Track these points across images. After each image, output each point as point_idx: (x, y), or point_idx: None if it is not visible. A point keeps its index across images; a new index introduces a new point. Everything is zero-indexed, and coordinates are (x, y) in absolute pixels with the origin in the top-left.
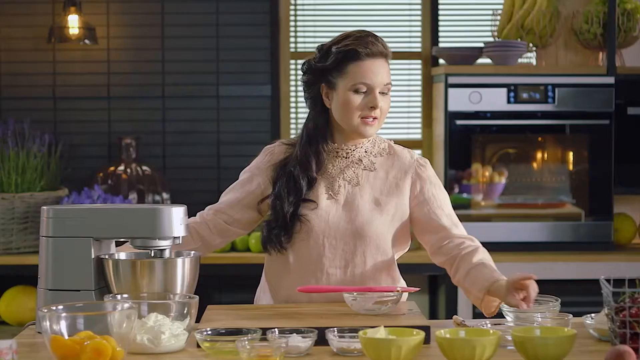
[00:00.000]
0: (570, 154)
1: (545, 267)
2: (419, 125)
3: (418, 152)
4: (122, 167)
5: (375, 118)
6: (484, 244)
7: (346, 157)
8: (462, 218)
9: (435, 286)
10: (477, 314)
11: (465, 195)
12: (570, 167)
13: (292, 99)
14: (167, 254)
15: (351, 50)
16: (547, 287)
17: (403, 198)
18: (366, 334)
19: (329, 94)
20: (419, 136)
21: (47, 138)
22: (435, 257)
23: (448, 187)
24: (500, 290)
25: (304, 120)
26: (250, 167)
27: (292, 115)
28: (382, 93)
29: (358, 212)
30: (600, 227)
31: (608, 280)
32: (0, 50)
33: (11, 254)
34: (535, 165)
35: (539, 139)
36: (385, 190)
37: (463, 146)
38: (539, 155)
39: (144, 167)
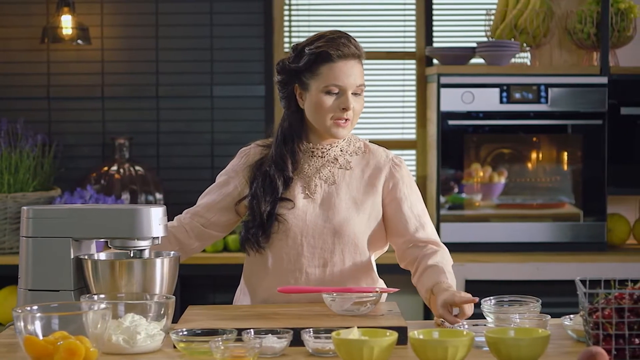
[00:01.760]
0: (563, 155)
1: (538, 267)
2: (414, 125)
3: (396, 152)
4: (115, 167)
5: (347, 120)
6: (480, 244)
7: (322, 157)
8: (458, 218)
9: None
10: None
11: (464, 195)
12: (564, 167)
13: None
14: (146, 254)
15: (323, 52)
16: (539, 287)
17: (377, 197)
18: (339, 335)
19: (302, 94)
20: (413, 136)
21: (39, 138)
22: (400, 261)
23: (441, 188)
24: (440, 297)
25: None
26: (227, 170)
27: None
28: (355, 94)
29: (335, 210)
30: (593, 228)
31: (584, 281)
32: None
33: (3, 254)
34: (528, 165)
35: (533, 139)
36: (362, 189)
37: (456, 146)
38: (531, 155)
39: (137, 167)
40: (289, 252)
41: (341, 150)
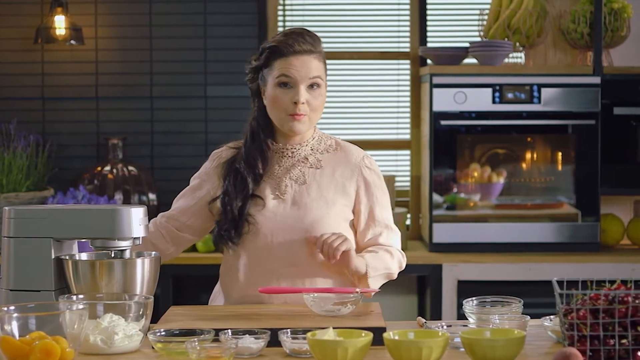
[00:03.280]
0: (557, 155)
1: (530, 267)
2: (408, 125)
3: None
4: (108, 168)
5: (302, 114)
6: (473, 245)
7: (291, 156)
8: (450, 219)
9: (423, 287)
10: (461, 316)
11: (463, 195)
12: (557, 167)
13: None
14: (127, 254)
15: (275, 47)
16: (530, 288)
17: (348, 199)
18: (314, 335)
19: (264, 90)
20: (407, 136)
21: (32, 138)
22: None
23: (433, 188)
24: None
25: None
26: (200, 173)
27: None
28: (310, 88)
29: (306, 210)
30: (587, 228)
31: (561, 282)
32: None
33: None
34: (522, 165)
35: (527, 139)
36: (332, 188)
37: (448, 146)
38: (525, 155)
39: (130, 168)
40: (260, 253)
41: (312, 149)
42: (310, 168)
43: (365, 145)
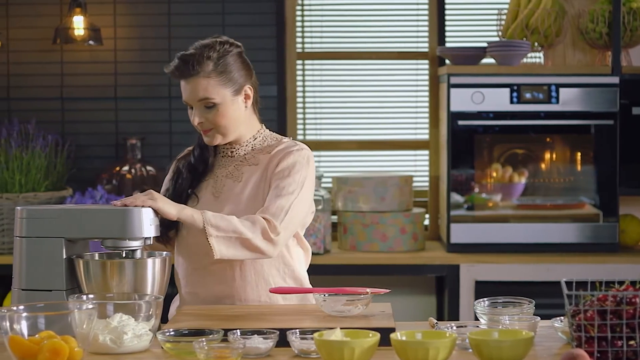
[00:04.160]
0: (575, 155)
1: (548, 268)
2: (427, 125)
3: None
4: (126, 167)
5: (207, 130)
6: (491, 245)
7: (231, 156)
8: (468, 219)
9: (441, 288)
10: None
11: (484, 195)
12: (576, 168)
13: (299, 99)
14: (138, 254)
15: (170, 73)
16: (548, 288)
17: (267, 184)
18: (321, 336)
19: None
20: (426, 137)
21: (50, 138)
22: None
23: (451, 188)
24: None
25: (310, 121)
26: (165, 180)
27: (299, 116)
28: (206, 107)
29: (235, 205)
30: (607, 229)
31: (570, 283)
32: (8, 51)
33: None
34: (540, 166)
35: (546, 139)
36: (262, 185)
37: (466, 147)
38: (543, 155)
39: (149, 168)
40: (191, 250)
41: (252, 149)
42: (249, 166)
43: (384, 145)
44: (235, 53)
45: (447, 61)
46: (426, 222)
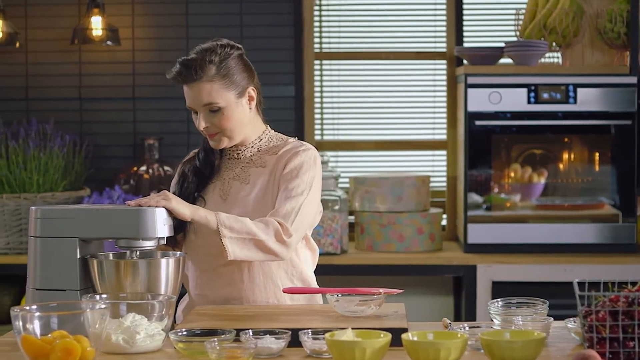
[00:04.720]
0: (593, 155)
1: (565, 268)
2: (445, 126)
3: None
4: (144, 168)
5: (213, 134)
6: (508, 245)
7: (238, 158)
8: (489, 219)
9: (459, 288)
10: None
11: (503, 195)
12: (594, 168)
13: (317, 100)
14: (151, 254)
15: (173, 78)
16: (565, 289)
17: (276, 186)
18: (333, 336)
19: None
20: (444, 137)
21: (68, 138)
22: None
23: (469, 188)
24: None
25: (328, 121)
26: (172, 183)
27: (317, 116)
28: (211, 111)
29: (242, 208)
30: (625, 229)
31: (583, 283)
32: (27, 52)
33: None
34: (557, 166)
35: (564, 139)
36: (270, 187)
37: (483, 147)
38: (561, 156)
39: (166, 168)
40: (200, 252)
41: (258, 150)
42: (256, 168)
43: (401, 145)
44: (237, 55)
45: (464, 61)
46: (443, 222)
